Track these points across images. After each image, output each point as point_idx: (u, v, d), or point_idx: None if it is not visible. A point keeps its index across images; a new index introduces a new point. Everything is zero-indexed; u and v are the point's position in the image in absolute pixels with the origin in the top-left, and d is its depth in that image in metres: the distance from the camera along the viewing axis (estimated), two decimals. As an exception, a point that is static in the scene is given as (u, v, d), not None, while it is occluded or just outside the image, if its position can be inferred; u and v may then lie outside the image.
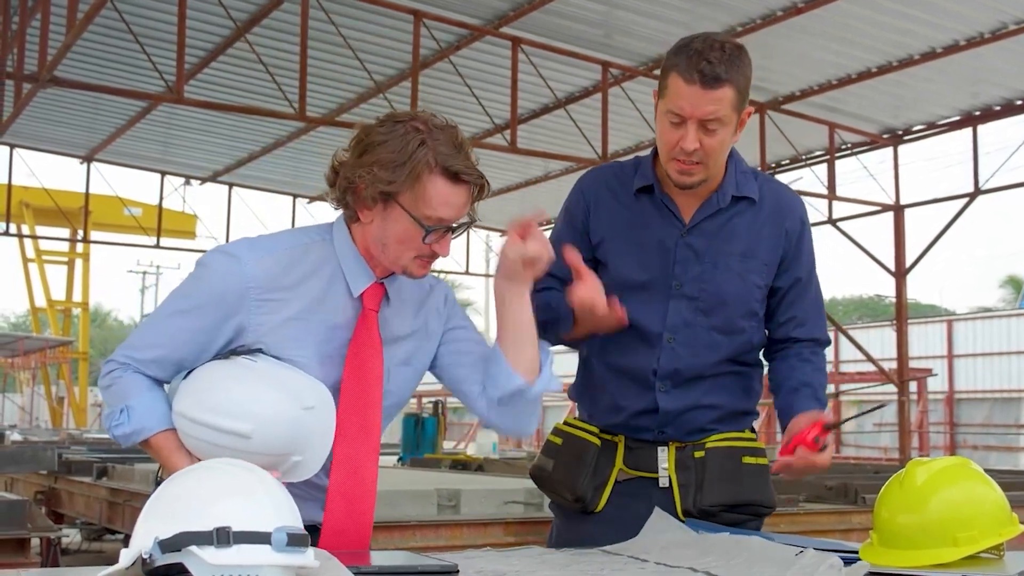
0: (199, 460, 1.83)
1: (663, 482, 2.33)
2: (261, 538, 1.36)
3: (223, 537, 1.35)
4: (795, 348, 2.39)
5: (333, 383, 1.93)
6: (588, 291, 2.13)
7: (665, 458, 2.34)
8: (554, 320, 2.26)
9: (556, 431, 2.47)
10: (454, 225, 1.91)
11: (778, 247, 2.33)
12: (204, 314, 1.89)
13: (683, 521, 2.24)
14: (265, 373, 1.87)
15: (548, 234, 2.38)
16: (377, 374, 1.96)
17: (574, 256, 2.16)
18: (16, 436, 14.74)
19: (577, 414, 2.50)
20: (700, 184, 2.25)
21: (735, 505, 2.30)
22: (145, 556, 1.37)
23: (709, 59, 2.12)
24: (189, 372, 1.91)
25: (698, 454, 2.33)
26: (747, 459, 2.34)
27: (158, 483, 2.00)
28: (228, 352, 1.90)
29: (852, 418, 2.21)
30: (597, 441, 2.38)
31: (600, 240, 2.35)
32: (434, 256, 1.92)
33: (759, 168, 13.70)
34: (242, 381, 1.86)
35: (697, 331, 2.31)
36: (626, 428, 2.37)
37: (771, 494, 2.37)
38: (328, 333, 1.93)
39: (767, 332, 2.42)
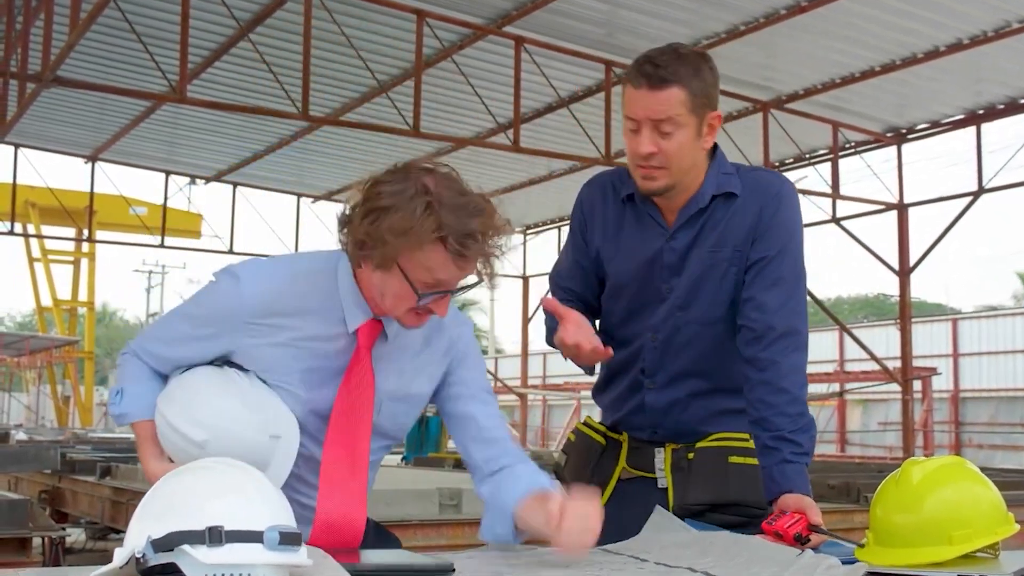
0: (165, 452, 1.94)
1: (661, 483, 2.36)
2: (253, 537, 1.36)
3: (215, 536, 1.35)
4: (762, 355, 2.22)
5: (319, 408, 1.95)
6: (571, 336, 2.16)
7: (662, 459, 2.37)
8: (552, 329, 2.31)
9: (574, 430, 2.53)
10: (456, 287, 1.87)
11: (751, 229, 2.27)
12: (202, 325, 1.97)
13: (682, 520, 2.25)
14: (246, 391, 1.92)
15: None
16: (367, 409, 1.97)
17: (552, 303, 2.21)
18: (21, 435, 14.75)
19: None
20: (665, 190, 2.24)
21: (720, 505, 2.28)
22: (138, 555, 1.37)
23: (656, 62, 2.14)
24: (187, 369, 1.98)
25: (691, 455, 2.35)
26: (734, 458, 2.31)
27: None
28: (224, 361, 1.96)
29: (833, 535, 2.08)
30: (602, 440, 2.43)
31: (596, 248, 2.38)
32: (430, 312, 1.89)
33: (762, 167, 13.71)
34: (220, 393, 1.91)
35: (677, 326, 2.32)
36: (626, 426, 2.42)
37: (760, 495, 2.26)
38: (318, 362, 1.95)
39: (738, 317, 2.30)
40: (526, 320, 21.18)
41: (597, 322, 2.48)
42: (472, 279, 1.89)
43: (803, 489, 2.15)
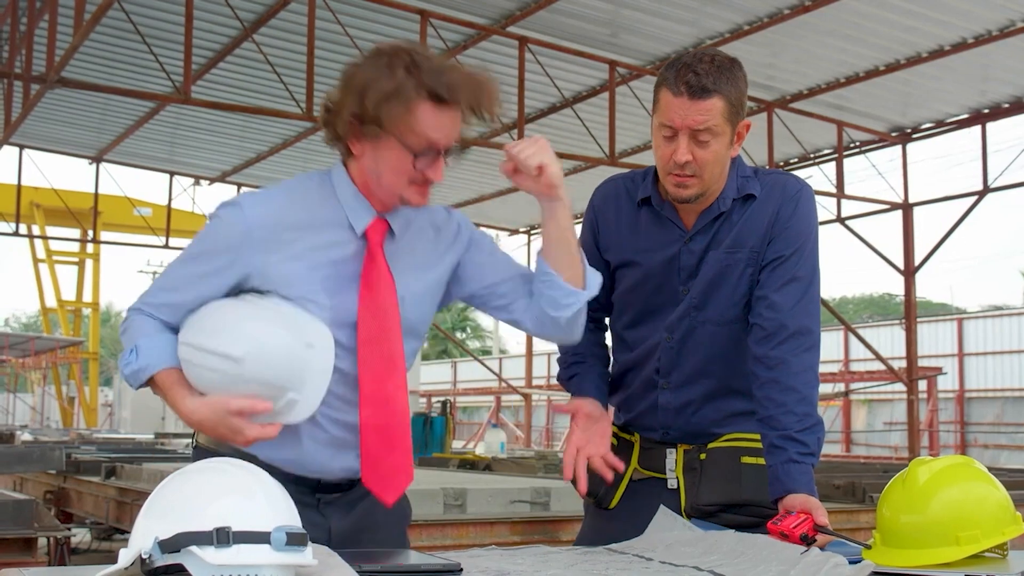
0: (199, 394, 1.88)
1: (671, 483, 2.36)
2: (260, 538, 1.36)
3: (223, 537, 1.35)
4: (772, 353, 2.22)
5: (344, 317, 1.97)
6: (581, 446, 2.26)
7: (673, 460, 2.37)
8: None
9: None
10: (446, 149, 1.94)
11: (768, 229, 2.28)
12: (210, 259, 1.95)
13: (688, 520, 2.24)
14: (270, 308, 1.91)
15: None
16: (392, 306, 1.99)
17: (560, 408, 2.33)
18: (27, 436, 14.80)
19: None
20: (697, 198, 2.25)
21: (733, 505, 2.28)
22: (144, 556, 1.37)
23: (696, 71, 2.15)
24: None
25: (703, 456, 2.35)
26: (747, 459, 2.31)
27: (195, 447, 2.06)
28: (238, 291, 1.95)
29: (839, 536, 2.08)
30: (614, 440, 2.42)
31: (609, 254, 2.39)
32: (428, 181, 1.95)
33: (766, 167, 13.74)
34: (245, 312, 1.90)
35: (692, 326, 2.32)
36: (638, 427, 2.42)
37: None
38: (334, 268, 1.97)
39: (750, 314, 2.31)
40: (530, 320, 21.16)
41: (608, 320, 2.50)
42: (463, 140, 1.97)
43: (807, 489, 2.14)
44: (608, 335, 2.54)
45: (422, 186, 1.95)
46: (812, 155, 15.36)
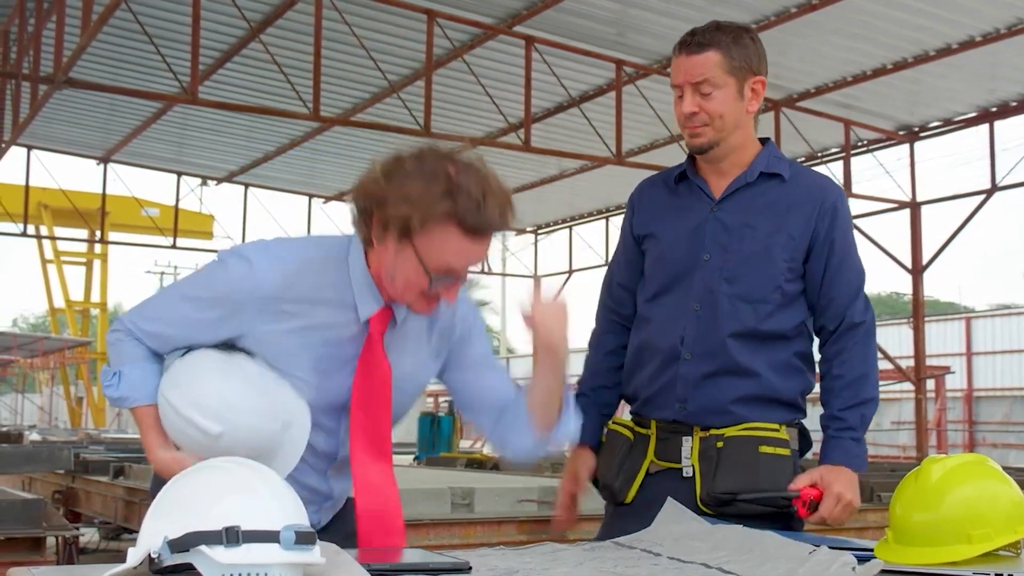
0: (171, 439, 1.90)
1: (687, 472, 2.37)
2: (270, 536, 1.36)
3: (232, 536, 1.34)
4: (832, 350, 2.41)
5: (329, 399, 1.96)
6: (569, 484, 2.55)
7: (689, 448, 2.38)
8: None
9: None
10: (466, 274, 1.91)
11: (809, 226, 2.39)
12: (208, 308, 1.92)
13: (701, 512, 2.25)
14: (254, 378, 1.90)
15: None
16: (385, 396, 1.97)
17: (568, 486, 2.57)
18: (35, 436, 14.84)
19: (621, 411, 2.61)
20: (711, 146, 2.37)
21: (749, 493, 2.30)
22: (154, 555, 1.37)
23: (694, 32, 2.36)
24: (188, 350, 1.94)
25: (720, 444, 2.36)
26: (764, 448, 2.33)
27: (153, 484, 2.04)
28: (229, 344, 1.93)
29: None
30: (630, 435, 2.46)
31: (644, 232, 2.50)
32: (439, 299, 1.91)
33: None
34: (229, 380, 1.89)
35: (720, 298, 2.37)
36: (653, 407, 2.43)
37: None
38: (329, 349, 1.95)
39: (813, 320, 2.46)
40: (537, 320, 21.14)
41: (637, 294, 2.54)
42: (481, 267, 1.94)
43: (839, 460, 2.31)
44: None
45: (432, 301, 1.92)
46: (819, 154, 15.33)
